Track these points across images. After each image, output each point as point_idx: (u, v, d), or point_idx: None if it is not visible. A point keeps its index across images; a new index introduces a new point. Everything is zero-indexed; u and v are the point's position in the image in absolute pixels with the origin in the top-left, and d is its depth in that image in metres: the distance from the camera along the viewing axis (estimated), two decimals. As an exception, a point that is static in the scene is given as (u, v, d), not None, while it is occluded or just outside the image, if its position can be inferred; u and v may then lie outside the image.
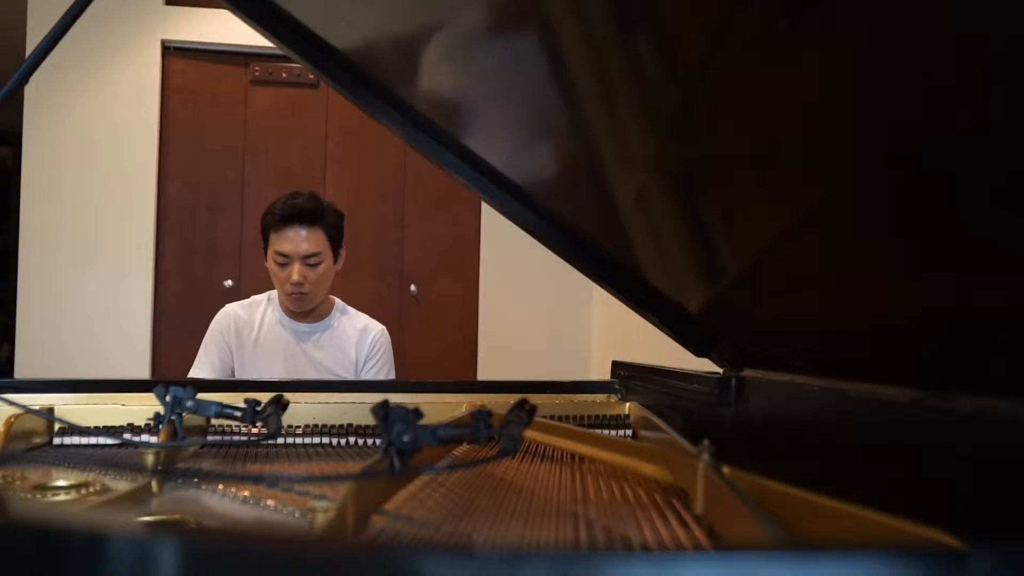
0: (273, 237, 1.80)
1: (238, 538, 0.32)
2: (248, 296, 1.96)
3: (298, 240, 1.77)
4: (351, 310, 1.96)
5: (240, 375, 1.85)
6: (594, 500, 0.71)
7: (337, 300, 1.96)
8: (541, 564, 0.29)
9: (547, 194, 1.03)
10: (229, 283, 3.08)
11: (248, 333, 1.88)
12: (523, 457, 0.89)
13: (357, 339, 1.90)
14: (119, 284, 3.04)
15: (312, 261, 1.78)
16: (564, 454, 0.91)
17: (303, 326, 1.88)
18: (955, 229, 0.52)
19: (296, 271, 1.77)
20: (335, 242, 1.83)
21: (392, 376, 1.94)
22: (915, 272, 0.59)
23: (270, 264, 1.83)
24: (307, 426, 1.05)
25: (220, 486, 0.76)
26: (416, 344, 3.23)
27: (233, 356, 1.87)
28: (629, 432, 1.08)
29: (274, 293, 1.91)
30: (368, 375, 1.89)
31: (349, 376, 1.87)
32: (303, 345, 1.88)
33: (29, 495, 0.73)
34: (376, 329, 1.93)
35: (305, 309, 1.86)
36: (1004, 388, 0.52)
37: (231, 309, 1.92)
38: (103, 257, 3.02)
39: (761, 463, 0.63)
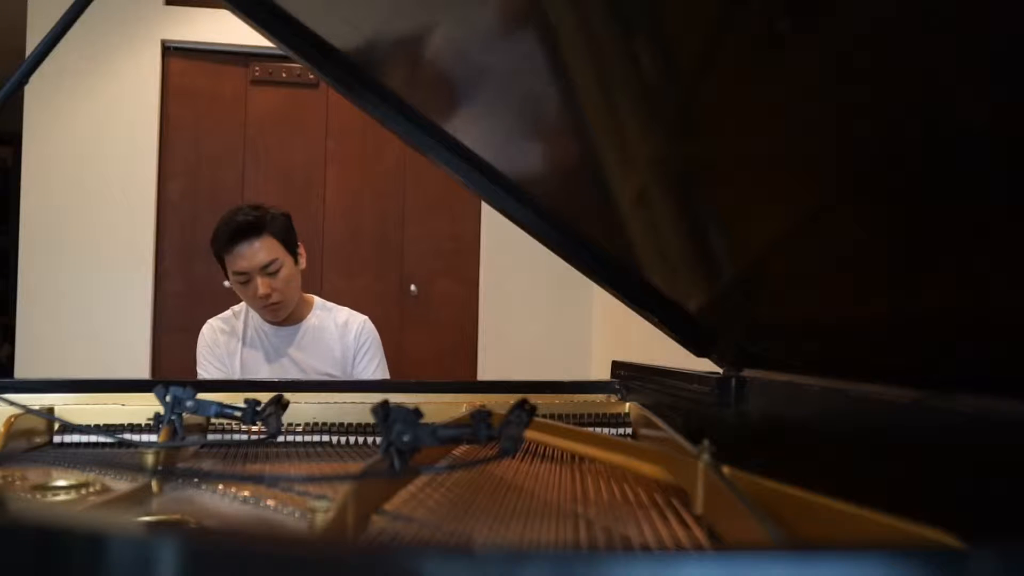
0: (227, 260, 1.78)
1: (238, 538, 0.32)
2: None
3: (251, 253, 1.75)
4: (332, 306, 1.95)
5: None
6: (594, 500, 0.71)
7: (316, 298, 1.95)
8: (541, 564, 0.29)
9: (547, 194, 1.03)
10: (229, 283, 3.08)
11: (234, 345, 1.89)
12: (523, 457, 0.89)
13: (340, 334, 1.89)
14: (119, 284, 3.04)
15: (271, 269, 1.77)
16: (564, 454, 0.91)
17: (284, 330, 1.88)
18: (955, 229, 0.52)
19: (260, 284, 1.76)
20: (289, 244, 1.81)
21: (384, 365, 1.94)
22: (915, 272, 0.59)
23: (234, 286, 1.83)
24: (307, 423, 1.05)
25: (220, 486, 0.76)
26: (416, 344, 3.23)
27: (226, 368, 1.87)
28: (629, 432, 1.08)
29: None
30: (361, 366, 1.88)
31: (337, 373, 1.87)
32: (287, 349, 1.88)
33: (29, 495, 0.73)
34: (358, 320, 1.92)
35: (281, 317, 1.86)
36: (1004, 388, 0.52)
37: (214, 324, 1.93)
38: (103, 257, 3.02)
39: (761, 463, 0.63)
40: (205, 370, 1.89)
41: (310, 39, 0.98)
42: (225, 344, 1.89)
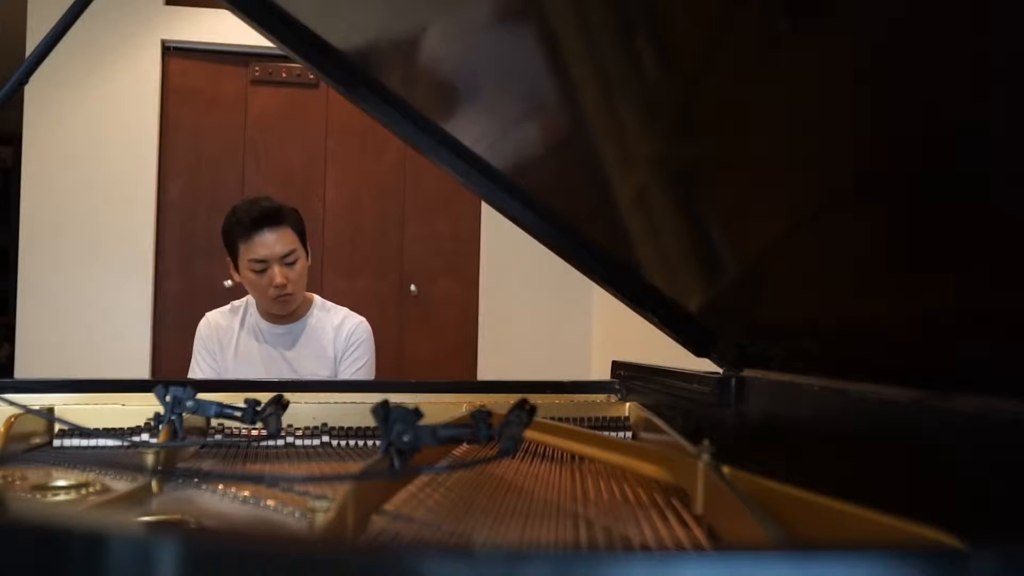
0: (244, 247, 1.76)
1: (238, 538, 0.32)
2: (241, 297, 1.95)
3: (272, 242, 1.75)
4: (331, 306, 1.93)
5: None
6: (594, 500, 0.71)
7: (317, 298, 1.94)
8: (541, 564, 0.29)
9: (547, 194, 1.03)
10: (229, 283, 3.07)
11: (228, 340, 1.88)
12: (523, 457, 0.89)
13: (334, 335, 1.88)
14: (119, 284, 3.04)
15: (289, 259, 1.76)
16: (564, 454, 0.91)
17: (280, 328, 1.87)
18: (955, 229, 0.52)
19: (278, 273, 1.75)
20: (303, 238, 1.82)
21: (371, 368, 1.91)
22: (915, 272, 0.59)
23: (245, 274, 1.79)
24: (307, 427, 1.05)
25: (220, 486, 0.76)
26: (416, 344, 3.23)
27: (218, 363, 1.87)
28: (629, 432, 1.08)
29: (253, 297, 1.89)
30: (344, 365, 1.86)
31: (328, 374, 1.86)
32: (281, 348, 1.86)
33: (29, 495, 0.73)
34: (353, 322, 1.90)
35: (290, 311, 1.84)
36: (1004, 388, 0.52)
37: (212, 317, 1.92)
38: (103, 257, 3.02)
39: (761, 463, 0.63)
40: (197, 363, 1.88)
41: (310, 39, 0.98)
42: (219, 338, 1.88)
